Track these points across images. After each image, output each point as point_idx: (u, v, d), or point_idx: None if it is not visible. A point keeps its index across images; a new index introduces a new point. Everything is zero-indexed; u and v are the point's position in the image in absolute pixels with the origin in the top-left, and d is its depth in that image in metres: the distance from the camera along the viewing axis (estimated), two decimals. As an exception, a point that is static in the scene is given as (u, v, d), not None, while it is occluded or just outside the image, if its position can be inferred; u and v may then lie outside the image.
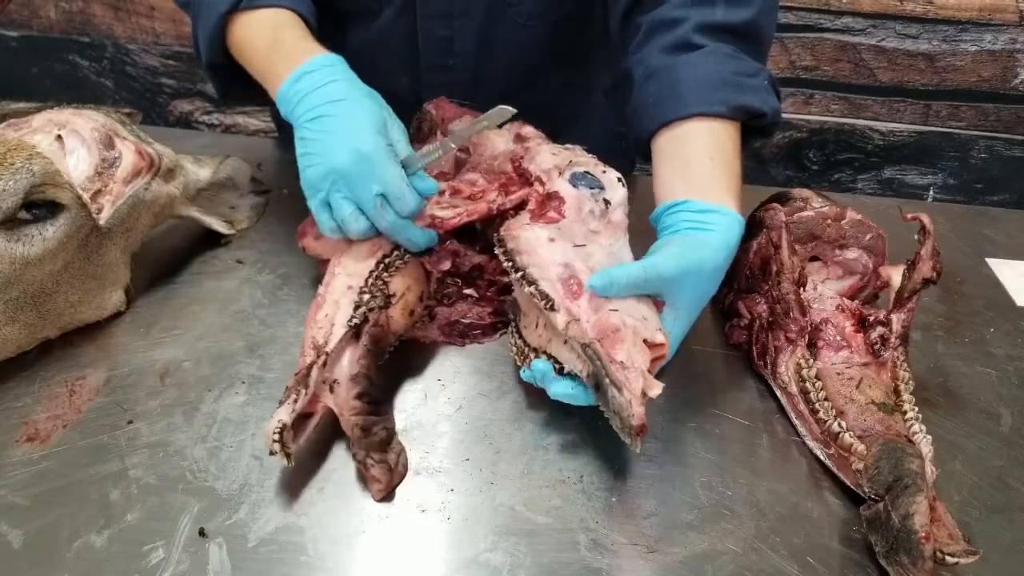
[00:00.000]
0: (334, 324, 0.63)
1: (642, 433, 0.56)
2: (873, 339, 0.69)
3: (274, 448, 0.57)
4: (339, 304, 0.64)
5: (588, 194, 0.69)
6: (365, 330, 0.63)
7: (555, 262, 0.65)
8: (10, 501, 0.58)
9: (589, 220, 0.69)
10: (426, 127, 0.87)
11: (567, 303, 0.62)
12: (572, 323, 0.61)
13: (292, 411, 0.58)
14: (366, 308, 0.64)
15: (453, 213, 0.75)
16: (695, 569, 0.56)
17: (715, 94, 0.71)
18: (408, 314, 0.70)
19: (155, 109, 1.91)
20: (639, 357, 0.59)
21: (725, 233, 0.66)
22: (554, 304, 0.62)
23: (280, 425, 0.57)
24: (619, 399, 0.57)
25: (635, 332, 0.60)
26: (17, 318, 0.68)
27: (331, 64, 0.72)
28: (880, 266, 0.77)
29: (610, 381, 0.57)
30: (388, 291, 0.67)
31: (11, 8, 1.78)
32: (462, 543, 0.57)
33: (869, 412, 0.64)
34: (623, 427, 0.57)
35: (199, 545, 0.56)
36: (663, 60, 0.75)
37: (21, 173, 0.67)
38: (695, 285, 0.64)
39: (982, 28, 1.60)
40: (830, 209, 0.76)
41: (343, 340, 0.62)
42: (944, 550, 0.52)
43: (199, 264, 0.86)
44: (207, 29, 0.79)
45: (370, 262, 0.67)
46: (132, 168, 0.76)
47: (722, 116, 0.71)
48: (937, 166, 1.79)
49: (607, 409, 0.59)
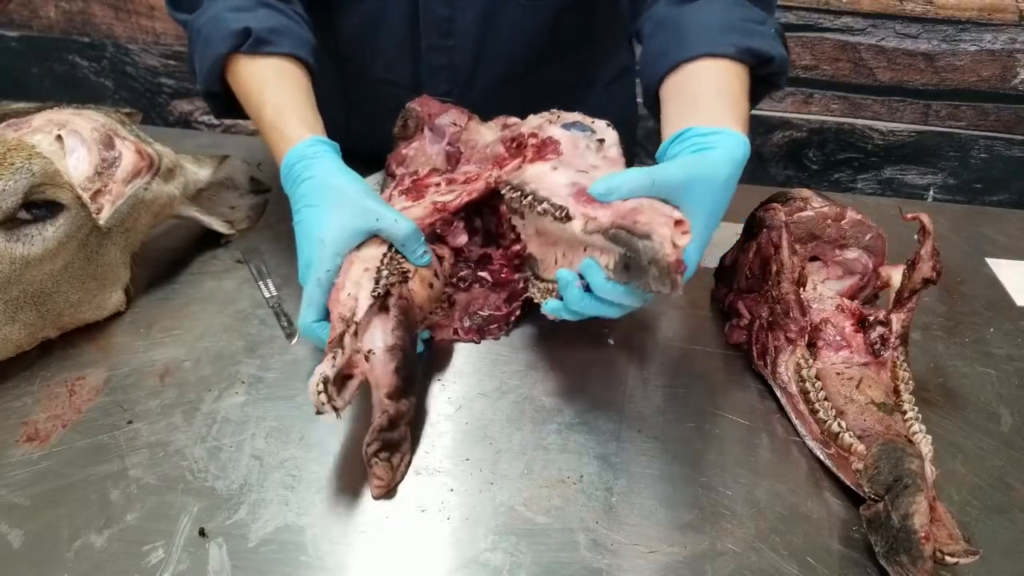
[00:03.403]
0: (358, 299, 0.63)
1: (680, 270, 0.54)
2: (873, 339, 0.69)
3: (320, 401, 0.56)
4: (360, 284, 0.64)
5: (581, 135, 0.71)
6: (391, 303, 0.63)
7: (562, 184, 0.65)
8: (10, 501, 0.58)
9: (587, 155, 0.70)
10: (412, 124, 0.87)
11: (581, 209, 0.61)
12: (589, 222, 0.59)
13: (333, 366, 0.57)
14: (386, 281, 0.64)
15: (453, 196, 0.75)
16: (695, 569, 0.56)
17: (721, 36, 0.71)
18: (428, 286, 0.69)
19: (155, 109, 1.90)
20: (661, 220, 0.56)
21: (730, 149, 0.64)
22: (568, 212, 0.61)
23: (323, 377, 0.56)
24: (649, 244, 0.55)
25: (653, 206, 0.58)
26: (17, 318, 0.68)
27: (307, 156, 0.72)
28: (880, 266, 0.77)
29: (637, 236, 0.55)
30: (404, 268, 0.67)
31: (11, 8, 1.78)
32: (462, 543, 0.57)
33: (869, 412, 0.64)
34: (660, 272, 0.55)
35: (199, 545, 0.56)
36: (670, 12, 0.76)
37: (21, 173, 0.67)
38: (705, 194, 0.62)
39: (982, 28, 1.60)
40: (830, 209, 0.76)
41: (371, 311, 0.62)
42: (944, 550, 0.52)
43: (199, 264, 0.86)
44: (204, 64, 0.79)
45: (383, 247, 0.68)
46: (132, 168, 0.76)
47: (729, 57, 0.71)
48: (937, 166, 1.78)
49: (639, 276, 0.56)
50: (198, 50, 0.81)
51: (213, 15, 0.79)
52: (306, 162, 0.71)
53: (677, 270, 0.54)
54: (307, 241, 0.68)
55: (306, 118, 0.76)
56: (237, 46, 0.77)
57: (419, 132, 0.86)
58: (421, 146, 0.83)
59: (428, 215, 0.73)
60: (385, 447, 0.61)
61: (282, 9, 0.82)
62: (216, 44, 0.78)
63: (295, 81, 0.79)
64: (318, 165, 0.71)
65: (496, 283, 0.78)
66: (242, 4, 0.80)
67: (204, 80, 0.81)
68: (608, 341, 0.78)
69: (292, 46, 0.79)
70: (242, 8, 0.79)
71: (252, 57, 0.78)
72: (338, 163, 0.72)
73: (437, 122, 0.84)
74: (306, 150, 0.72)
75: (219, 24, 0.78)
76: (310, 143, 0.72)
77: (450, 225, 0.75)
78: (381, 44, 0.95)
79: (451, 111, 0.86)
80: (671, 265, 0.54)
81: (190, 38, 0.83)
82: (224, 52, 0.77)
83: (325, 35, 0.96)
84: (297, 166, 0.71)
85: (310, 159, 0.71)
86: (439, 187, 0.77)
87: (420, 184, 0.77)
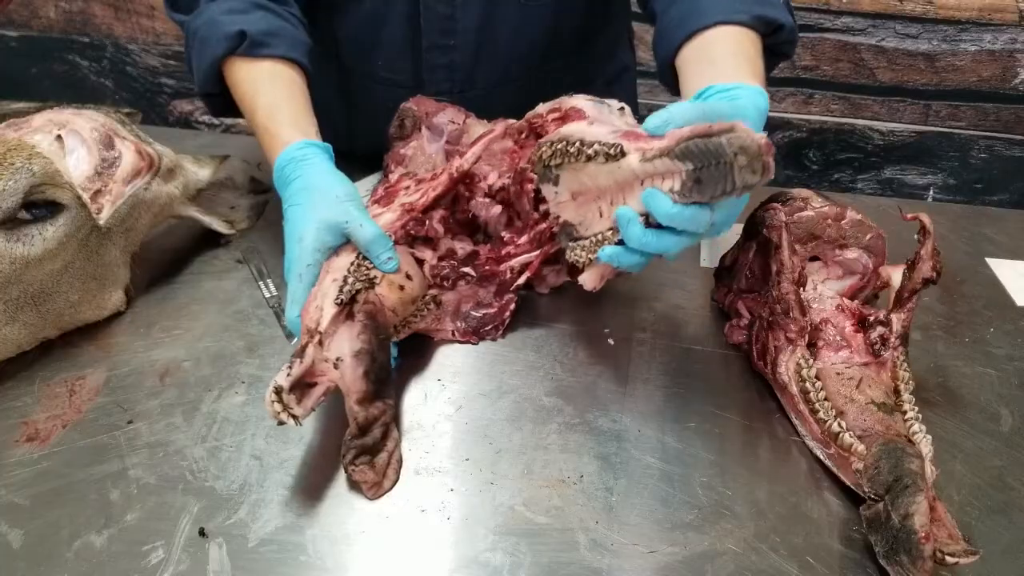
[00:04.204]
0: (323, 309, 0.63)
1: (770, 152, 0.54)
2: (873, 339, 0.69)
3: (275, 411, 0.57)
4: (327, 294, 0.64)
5: (602, 104, 0.72)
6: (356, 308, 0.63)
7: (604, 132, 0.64)
8: (10, 501, 0.58)
9: (612, 119, 0.70)
10: (409, 124, 0.87)
11: (634, 144, 0.60)
12: (647, 151, 0.59)
13: (287, 375, 0.58)
14: (351, 287, 0.64)
15: (420, 195, 0.76)
16: (695, 569, 0.56)
17: (736, 4, 0.74)
18: (398, 289, 0.69)
19: (155, 109, 1.91)
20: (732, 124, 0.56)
21: (753, 98, 0.66)
22: (623, 148, 0.60)
23: (275, 387, 0.57)
24: (734, 135, 0.54)
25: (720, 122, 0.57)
26: (17, 318, 0.68)
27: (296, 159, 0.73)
28: (880, 266, 0.77)
29: (716, 134, 0.55)
30: (371, 275, 0.67)
31: (11, 8, 1.78)
32: (462, 543, 0.57)
33: (869, 412, 0.64)
34: (751, 159, 0.54)
35: (199, 545, 0.56)
36: None
37: (21, 173, 0.67)
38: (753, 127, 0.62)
39: (982, 28, 1.60)
40: (830, 209, 0.76)
41: (335, 319, 0.62)
42: (944, 550, 0.52)
43: (199, 264, 0.86)
44: (201, 67, 0.80)
45: (352, 256, 0.68)
46: (132, 168, 0.76)
47: (743, 24, 0.74)
48: (937, 166, 1.79)
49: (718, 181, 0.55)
50: (195, 52, 0.82)
51: (209, 17, 0.80)
52: (295, 164, 0.72)
53: (768, 152, 0.54)
54: (290, 239, 0.70)
55: (298, 121, 0.76)
56: (232, 49, 0.78)
57: (416, 131, 0.86)
58: (420, 145, 0.83)
59: (398, 218, 0.74)
60: (362, 452, 0.61)
61: (277, 11, 0.82)
62: (212, 47, 0.78)
63: (288, 84, 0.79)
64: (306, 167, 0.72)
65: (482, 277, 0.78)
66: (237, 6, 0.80)
67: (201, 82, 0.82)
68: (608, 341, 0.78)
69: (286, 49, 0.80)
70: (237, 11, 0.80)
71: (247, 60, 0.79)
72: (327, 165, 0.73)
73: (435, 121, 0.84)
74: (296, 152, 0.73)
75: (215, 27, 0.79)
76: (300, 146, 0.73)
77: (423, 225, 0.75)
78: (382, 43, 0.95)
79: (448, 110, 0.85)
80: (762, 147, 0.54)
81: (187, 39, 0.83)
82: (220, 55, 0.78)
83: (326, 34, 0.96)
84: (287, 168, 0.73)
85: (299, 161, 0.72)
86: (408, 189, 0.77)
87: (392, 191, 0.78)
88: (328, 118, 1.01)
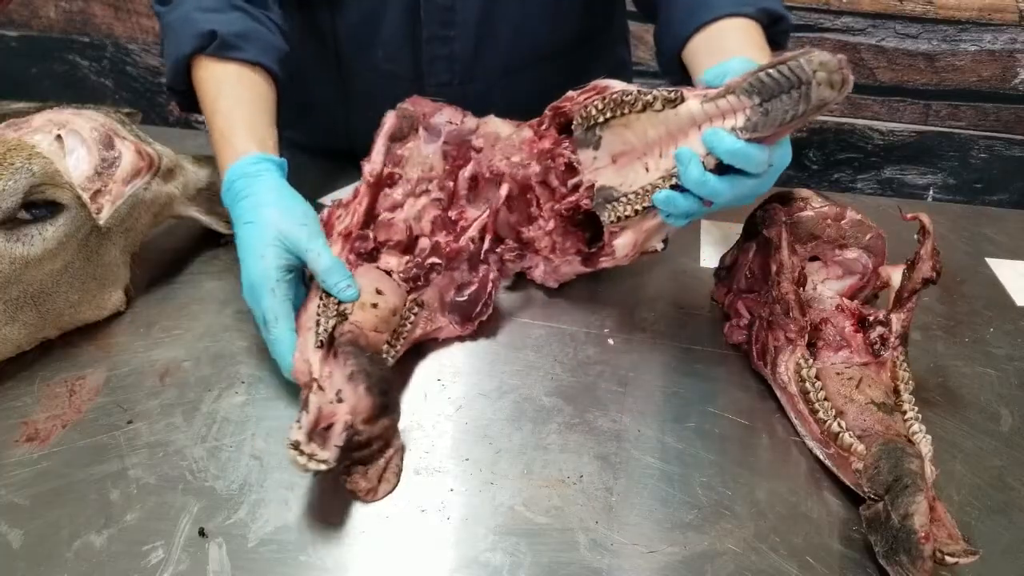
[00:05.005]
0: (309, 360, 0.63)
1: (845, 68, 0.56)
2: (873, 339, 0.69)
3: (301, 464, 0.55)
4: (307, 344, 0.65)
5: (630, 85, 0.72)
6: (337, 344, 0.63)
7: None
8: (10, 501, 0.58)
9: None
10: (405, 125, 0.87)
11: (691, 92, 0.62)
12: (708, 92, 0.61)
13: (299, 429, 0.57)
14: (325, 328, 0.64)
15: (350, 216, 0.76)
16: (695, 569, 0.56)
17: None
18: (371, 307, 0.69)
19: (155, 109, 1.90)
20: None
21: None
22: (682, 94, 0.62)
23: (292, 443, 0.56)
24: (812, 54, 0.56)
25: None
26: (17, 318, 0.68)
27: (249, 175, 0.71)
28: (880, 266, 0.77)
29: (789, 59, 0.57)
30: (340, 309, 0.67)
31: (11, 8, 1.78)
32: (462, 543, 0.57)
33: (869, 412, 0.64)
34: (830, 72, 0.56)
35: (199, 545, 0.56)
36: None
37: (21, 173, 0.67)
38: None
39: (982, 28, 1.60)
40: (830, 209, 0.76)
41: (324, 362, 0.62)
42: (944, 550, 0.52)
43: (199, 264, 0.86)
44: (171, 60, 0.79)
45: (316, 300, 0.68)
46: (132, 168, 0.76)
47: (750, 16, 0.78)
48: (937, 166, 1.78)
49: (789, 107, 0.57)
50: (167, 46, 0.81)
51: (184, 13, 0.79)
52: (247, 180, 0.71)
53: (846, 66, 0.56)
54: (250, 256, 0.68)
55: (255, 130, 0.75)
56: (201, 48, 0.77)
57: (412, 132, 0.86)
58: (416, 146, 0.83)
59: (341, 247, 0.74)
60: (356, 463, 0.60)
61: (254, 14, 0.81)
62: (182, 44, 0.77)
63: (253, 90, 0.78)
64: (259, 184, 0.70)
65: (450, 259, 0.78)
66: (213, 4, 0.80)
67: (170, 77, 0.81)
68: (608, 341, 0.78)
69: (257, 53, 0.78)
70: (212, 9, 0.79)
71: (215, 60, 0.77)
72: (279, 182, 0.72)
73: (432, 121, 0.83)
74: (249, 168, 0.71)
75: (187, 23, 0.78)
76: (254, 160, 0.72)
77: (366, 240, 0.75)
78: (382, 34, 0.95)
79: (445, 110, 0.85)
80: (841, 60, 0.56)
81: (162, 31, 0.83)
82: (187, 53, 0.77)
83: (325, 29, 0.96)
84: (238, 183, 0.71)
85: (251, 177, 0.71)
86: (340, 217, 0.77)
87: (328, 225, 0.76)
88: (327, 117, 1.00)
